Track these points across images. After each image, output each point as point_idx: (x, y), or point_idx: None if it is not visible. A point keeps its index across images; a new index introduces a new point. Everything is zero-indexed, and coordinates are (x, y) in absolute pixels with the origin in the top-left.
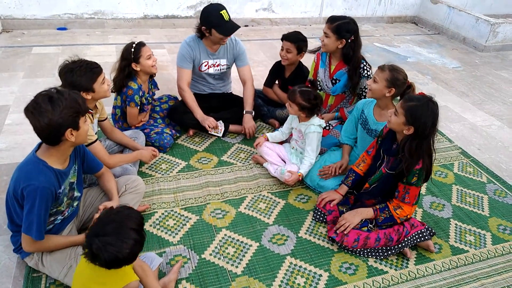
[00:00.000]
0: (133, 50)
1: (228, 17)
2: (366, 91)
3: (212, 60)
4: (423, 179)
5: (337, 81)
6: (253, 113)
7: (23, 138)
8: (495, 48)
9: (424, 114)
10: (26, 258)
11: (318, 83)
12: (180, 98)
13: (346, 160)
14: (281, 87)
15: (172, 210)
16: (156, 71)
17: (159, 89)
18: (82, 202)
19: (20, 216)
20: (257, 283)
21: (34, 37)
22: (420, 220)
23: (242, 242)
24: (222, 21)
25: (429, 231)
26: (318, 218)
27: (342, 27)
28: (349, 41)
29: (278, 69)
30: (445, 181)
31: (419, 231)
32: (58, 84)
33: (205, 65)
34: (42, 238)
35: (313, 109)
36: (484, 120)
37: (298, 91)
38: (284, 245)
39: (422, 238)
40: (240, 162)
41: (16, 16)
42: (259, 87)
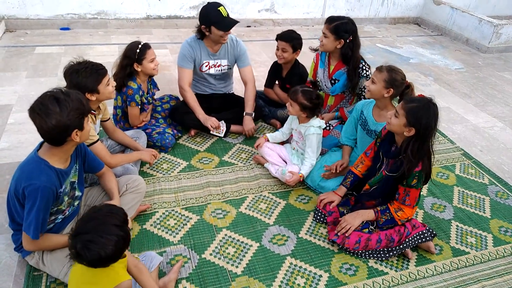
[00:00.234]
0: (138, 51)
1: (226, 14)
2: (365, 91)
3: (213, 60)
4: (423, 181)
5: (336, 81)
6: (253, 115)
7: (26, 137)
8: (498, 49)
9: (425, 115)
10: (27, 257)
11: (318, 83)
12: (181, 98)
13: (346, 160)
14: (280, 87)
15: (173, 210)
16: (157, 73)
17: (159, 89)
18: (83, 202)
19: (21, 215)
20: (257, 283)
21: (37, 37)
22: (421, 221)
23: (242, 242)
24: (220, 17)
25: (430, 232)
26: (319, 219)
27: (340, 27)
28: (348, 41)
29: (275, 69)
30: (446, 183)
31: (420, 232)
32: (60, 84)
33: (206, 66)
34: (37, 237)
35: (314, 109)
36: (487, 122)
37: (300, 91)
38: (285, 246)
39: (423, 239)
40: (241, 163)
41: (19, 16)
42: (261, 88)
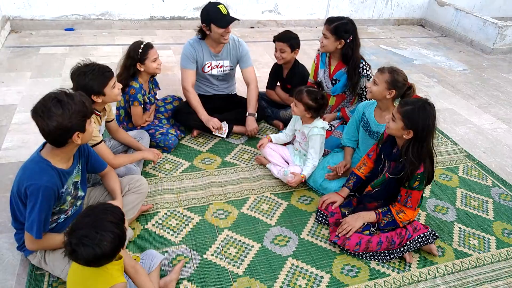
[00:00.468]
0: (140, 51)
1: (226, 12)
2: (366, 90)
3: (215, 61)
4: (425, 183)
5: (337, 81)
6: (256, 115)
7: (30, 137)
8: (502, 51)
9: (422, 117)
10: (29, 256)
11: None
12: (184, 99)
13: (348, 161)
14: (281, 88)
15: (175, 210)
16: (159, 72)
17: (160, 89)
18: (86, 202)
19: (23, 214)
20: (258, 284)
21: (42, 37)
22: (424, 223)
23: (244, 242)
24: (219, 14)
25: (432, 234)
26: (321, 220)
27: (340, 28)
28: (348, 41)
29: (276, 70)
30: (449, 184)
31: (421, 235)
32: (64, 84)
33: (208, 66)
34: (40, 237)
35: (319, 110)
36: (491, 123)
37: (305, 91)
38: (286, 247)
39: (425, 242)
40: (243, 163)
41: (24, 16)
42: (264, 89)
